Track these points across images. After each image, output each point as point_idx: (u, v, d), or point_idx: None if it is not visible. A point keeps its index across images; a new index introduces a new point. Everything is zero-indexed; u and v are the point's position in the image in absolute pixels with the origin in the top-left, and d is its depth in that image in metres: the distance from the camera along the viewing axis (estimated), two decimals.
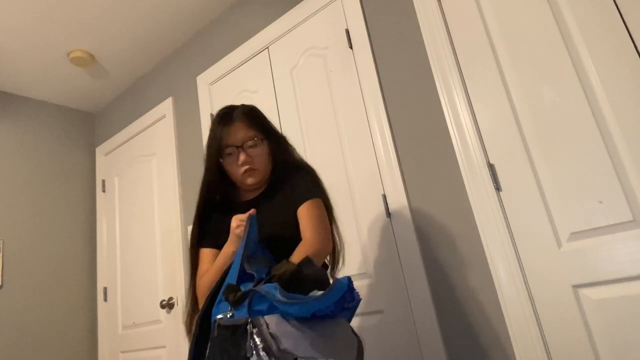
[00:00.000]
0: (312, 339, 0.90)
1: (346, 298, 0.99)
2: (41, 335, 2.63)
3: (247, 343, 0.86)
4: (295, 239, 1.15)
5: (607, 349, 1.20)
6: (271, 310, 0.92)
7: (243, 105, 1.25)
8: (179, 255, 2.44)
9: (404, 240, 1.61)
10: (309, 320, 0.94)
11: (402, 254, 1.61)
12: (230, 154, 1.19)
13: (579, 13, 1.35)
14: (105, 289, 2.89)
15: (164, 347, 2.44)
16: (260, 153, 1.21)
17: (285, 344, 0.86)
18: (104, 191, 3.11)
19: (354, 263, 1.71)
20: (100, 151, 3.23)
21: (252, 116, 1.22)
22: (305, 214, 1.16)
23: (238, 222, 1.10)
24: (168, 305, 2.45)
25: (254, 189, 1.26)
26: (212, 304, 1.05)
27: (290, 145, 1.31)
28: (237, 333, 0.89)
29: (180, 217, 2.50)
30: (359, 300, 1.06)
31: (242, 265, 1.00)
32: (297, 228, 1.17)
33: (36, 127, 3.00)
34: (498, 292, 1.39)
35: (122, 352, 2.68)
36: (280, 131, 1.32)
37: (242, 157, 1.17)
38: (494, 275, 1.40)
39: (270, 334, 0.86)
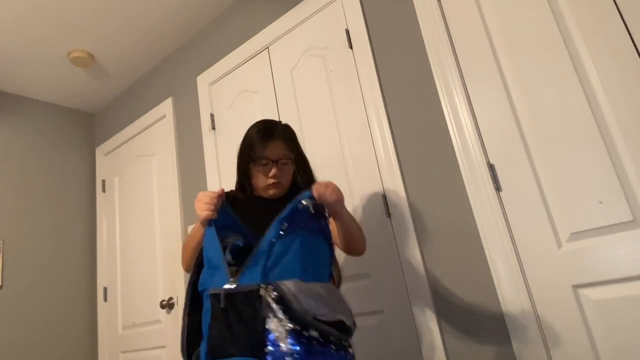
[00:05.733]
0: (323, 299, 1.00)
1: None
2: (41, 335, 2.63)
3: (262, 305, 0.93)
4: None
5: (607, 349, 1.20)
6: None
7: (283, 125, 1.39)
8: (179, 255, 2.44)
9: (404, 240, 1.61)
10: (316, 283, 1.03)
11: (402, 254, 1.61)
12: (263, 165, 1.30)
13: (579, 13, 1.35)
14: (105, 289, 2.89)
15: (164, 347, 2.44)
16: (288, 171, 1.34)
17: (305, 304, 0.94)
18: (104, 191, 3.11)
19: (354, 263, 1.71)
20: (100, 151, 3.23)
21: (291, 137, 1.37)
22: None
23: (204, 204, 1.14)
24: (168, 305, 2.45)
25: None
26: (199, 274, 1.10)
27: (311, 169, 1.45)
28: (252, 298, 0.96)
29: (180, 217, 2.50)
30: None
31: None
32: None
33: (36, 127, 3.00)
34: (498, 292, 1.39)
35: (122, 352, 2.69)
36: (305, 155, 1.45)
37: (274, 171, 1.29)
38: (494, 275, 1.40)
39: (293, 294, 0.94)
